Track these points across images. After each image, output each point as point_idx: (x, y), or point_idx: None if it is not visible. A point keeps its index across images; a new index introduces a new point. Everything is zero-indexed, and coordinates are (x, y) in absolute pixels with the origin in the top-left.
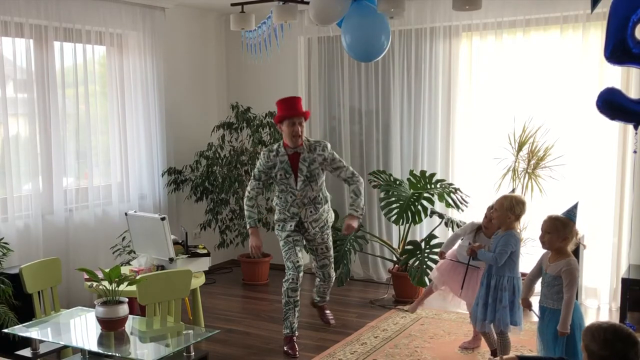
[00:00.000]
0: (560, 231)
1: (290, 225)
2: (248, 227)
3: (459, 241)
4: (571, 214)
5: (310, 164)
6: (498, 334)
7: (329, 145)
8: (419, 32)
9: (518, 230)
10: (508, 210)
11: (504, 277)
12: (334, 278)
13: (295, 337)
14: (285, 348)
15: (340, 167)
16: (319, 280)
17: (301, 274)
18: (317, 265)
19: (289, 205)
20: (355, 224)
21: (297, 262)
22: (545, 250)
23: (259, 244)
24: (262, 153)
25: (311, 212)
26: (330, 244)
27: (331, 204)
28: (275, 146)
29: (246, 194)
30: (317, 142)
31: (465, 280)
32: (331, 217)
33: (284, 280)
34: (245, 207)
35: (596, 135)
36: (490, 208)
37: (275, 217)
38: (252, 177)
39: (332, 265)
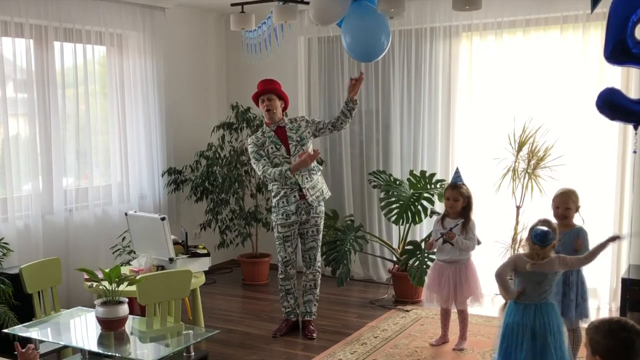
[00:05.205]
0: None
1: (293, 200)
2: (287, 171)
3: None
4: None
5: (297, 130)
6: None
7: (306, 116)
8: (419, 32)
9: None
10: (577, 201)
11: (573, 273)
12: (319, 269)
13: (289, 320)
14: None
15: (321, 121)
16: (304, 271)
17: (289, 267)
18: (304, 248)
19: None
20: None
21: (285, 257)
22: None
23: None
24: (249, 140)
25: (307, 178)
26: (321, 228)
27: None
28: (259, 131)
29: (262, 172)
30: (296, 117)
31: (442, 277)
32: (326, 188)
33: None
34: (271, 172)
35: (596, 136)
36: (452, 190)
37: (275, 197)
38: (255, 161)
39: (319, 252)
